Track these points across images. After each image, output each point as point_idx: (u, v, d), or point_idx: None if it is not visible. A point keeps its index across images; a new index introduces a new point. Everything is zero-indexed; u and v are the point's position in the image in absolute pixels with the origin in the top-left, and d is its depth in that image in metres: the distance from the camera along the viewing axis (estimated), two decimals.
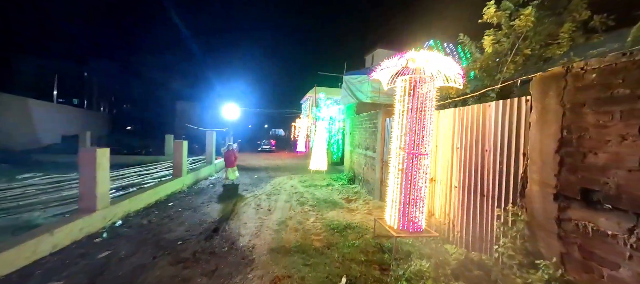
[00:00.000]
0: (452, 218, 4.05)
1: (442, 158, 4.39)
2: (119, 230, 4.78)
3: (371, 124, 7.80)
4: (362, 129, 8.79)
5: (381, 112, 6.91)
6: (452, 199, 4.07)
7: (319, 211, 6.10)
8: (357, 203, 6.90)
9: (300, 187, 8.84)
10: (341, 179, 10.27)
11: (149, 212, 5.82)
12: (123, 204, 5.33)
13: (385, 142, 6.76)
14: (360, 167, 8.98)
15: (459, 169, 3.93)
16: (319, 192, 8.09)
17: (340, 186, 9.03)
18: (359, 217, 5.72)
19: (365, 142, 8.48)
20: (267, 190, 8.43)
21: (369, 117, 8.03)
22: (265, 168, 13.90)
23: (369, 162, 7.99)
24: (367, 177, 8.16)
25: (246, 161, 17.19)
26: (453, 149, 4.09)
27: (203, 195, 7.54)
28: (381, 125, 6.88)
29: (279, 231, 4.86)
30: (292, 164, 15.98)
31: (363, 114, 8.74)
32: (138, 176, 9.83)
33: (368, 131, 8.15)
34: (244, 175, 11.47)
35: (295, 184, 9.38)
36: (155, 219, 5.40)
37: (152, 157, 14.79)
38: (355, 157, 9.70)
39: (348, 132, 11.14)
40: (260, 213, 5.97)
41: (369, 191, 7.80)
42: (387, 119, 6.77)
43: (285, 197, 7.53)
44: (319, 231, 4.90)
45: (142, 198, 6.00)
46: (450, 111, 4.23)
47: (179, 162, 8.05)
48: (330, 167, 12.62)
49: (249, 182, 9.86)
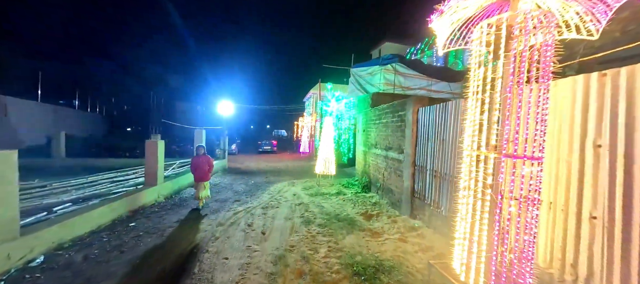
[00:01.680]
0: (585, 275, 2.31)
1: (560, 165, 2.54)
2: (29, 274, 3.15)
3: (395, 118, 6.11)
4: (381, 124, 7.11)
5: (411, 101, 5.23)
6: (585, 239, 2.31)
7: (331, 236, 4.43)
8: (381, 221, 5.21)
9: (305, 197, 7.18)
10: (353, 185, 8.59)
11: (94, 239, 4.18)
12: (49, 232, 3.70)
13: (420, 140, 5.07)
14: (378, 172, 7.29)
15: (604, 185, 2.19)
16: (328, 204, 6.42)
17: (354, 195, 7.36)
18: (391, 247, 4.03)
19: (385, 141, 6.79)
20: (263, 200, 6.78)
21: (392, 109, 6.35)
22: (265, 172, 12.27)
23: (392, 166, 6.31)
24: (389, 184, 6.47)
25: (244, 163, 15.58)
26: (584, 149, 2.35)
27: (181, 209, 5.90)
28: (412, 118, 5.20)
29: (274, 278, 3.19)
30: (294, 166, 14.33)
31: (382, 106, 7.05)
32: (111, 183, 8.25)
33: (390, 127, 6.46)
34: (239, 180, 9.84)
35: (299, 192, 7.72)
36: (97, 252, 3.76)
37: (138, 160, 13.23)
38: (370, 160, 8.02)
39: (360, 129, 9.46)
40: (250, 239, 4.31)
41: (393, 203, 6.11)
42: (419, 108, 5.08)
43: (285, 211, 5.87)
44: (335, 275, 3.23)
45: (87, 219, 4.37)
46: (579, 80, 2.39)
47: (152, 166, 6.43)
48: (338, 170, 10.95)
49: (243, 190, 8.22)
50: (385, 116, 6.79)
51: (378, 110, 7.43)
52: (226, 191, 8.05)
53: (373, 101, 8.67)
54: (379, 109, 7.38)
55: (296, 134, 32.42)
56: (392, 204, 6.19)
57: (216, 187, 8.52)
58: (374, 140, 7.73)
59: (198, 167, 5.97)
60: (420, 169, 4.99)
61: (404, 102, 5.66)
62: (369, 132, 8.18)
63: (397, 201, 5.90)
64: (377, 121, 7.41)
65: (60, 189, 7.11)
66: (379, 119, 7.32)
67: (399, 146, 5.90)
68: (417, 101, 5.17)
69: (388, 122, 6.59)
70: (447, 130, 4.13)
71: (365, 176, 8.38)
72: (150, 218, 5.28)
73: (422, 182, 4.91)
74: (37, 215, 5.05)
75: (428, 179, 4.71)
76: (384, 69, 12.38)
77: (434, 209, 4.43)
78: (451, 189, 4.00)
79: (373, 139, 7.80)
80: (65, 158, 13.04)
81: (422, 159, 4.93)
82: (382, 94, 8.65)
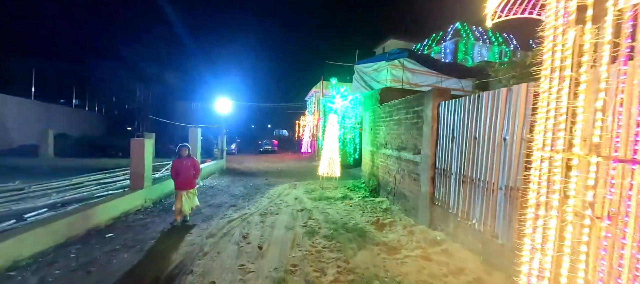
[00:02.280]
0: None
1: None
2: None
3: (410, 114, 5.44)
4: (392, 122, 6.43)
5: (431, 95, 4.54)
6: None
7: (340, 251, 3.76)
8: (395, 232, 4.54)
9: (308, 201, 6.52)
10: (360, 188, 7.91)
11: (60, 254, 3.53)
12: (2, 248, 3.05)
13: (442, 139, 4.39)
14: (388, 175, 6.62)
15: None
16: (334, 211, 5.75)
17: (361, 200, 6.69)
18: (413, 267, 3.35)
19: (397, 141, 6.11)
20: (262, 206, 6.13)
21: (406, 104, 5.67)
22: (265, 173, 11.62)
23: (405, 168, 5.63)
24: (401, 189, 5.80)
25: (244, 163, 14.94)
26: None
27: (169, 216, 5.25)
28: (431, 113, 4.52)
29: None
30: (295, 167, 13.67)
31: (394, 102, 6.37)
32: (97, 185, 7.61)
33: (403, 125, 5.78)
34: (237, 183, 9.19)
35: (301, 196, 7.06)
36: (58, 273, 3.11)
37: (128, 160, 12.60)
38: (379, 161, 7.35)
39: (367, 128, 8.79)
40: (244, 255, 3.65)
41: (407, 210, 5.43)
42: (441, 102, 4.41)
43: (286, 219, 5.21)
44: None
45: (52, 230, 3.71)
46: None
47: (138, 168, 5.78)
48: (343, 171, 10.28)
49: (241, 193, 7.56)
50: (397, 112, 6.12)
51: (388, 106, 6.75)
52: (222, 194, 7.39)
53: (382, 97, 7.99)
54: (389, 106, 6.70)
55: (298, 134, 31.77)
56: (405, 211, 5.51)
57: (211, 190, 7.87)
58: (383, 139, 7.05)
59: (181, 172, 4.77)
60: (442, 172, 4.31)
61: (421, 96, 4.98)
62: (378, 131, 7.50)
63: (412, 207, 5.22)
64: (388, 119, 6.73)
65: (39, 193, 6.47)
66: (389, 116, 6.64)
67: (415, 146, 5.22)
68: (438, 94, 4.49)
69: (401, 119, 5.91)
70: (481, 127, 3.45)
71: (372, 178, 7.71)
72: (132, 227, 4.63)
73: (445, 187, 4.24)
74: (2, 224, 4.41)
75: (453, 185, 4.03)
76: (390, 65, 11.66)
77: (462, 221, 3.75)
78: (487, 198, 3.32)
79: (382, 138, 7.13)
80: (54, 158, 12.40)
81: (445, 161, 4.26)
82: (392, 89, 7.98)
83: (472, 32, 18.60)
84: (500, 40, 19.11)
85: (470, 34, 18.45)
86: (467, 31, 18.42)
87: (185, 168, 4.85)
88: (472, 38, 18.48)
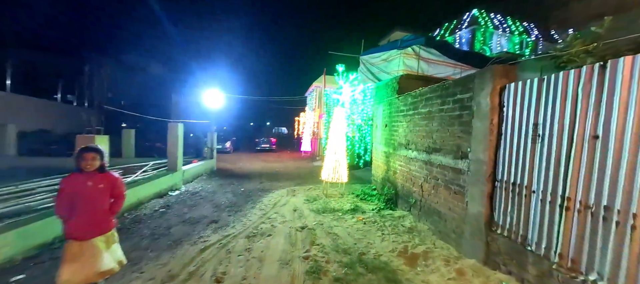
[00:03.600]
0: None
1: None
2: None
3: (450, 104, 4.05)
4: (418, 116, 5.04)
5: (490, 74, 3.16)
6: None
7: None
8: (437, 270, 3.17)
9: (309, 215, 5.17)
10: (371, 197, 6.55)
11: None
12: None
13: (509, 138, 3.00)
14: (410, 183, 5.25)
15: None
16: (344, 230, 4.40)
17: (376, 214, 5.34)
18: None
19: (427, 140, 4.73)
20: (251, 222, 4.78)
21: (442, 91, 4.27)
22: (260, 175, 10.27)
23: (440, 176, 4.25)
24: (432, 203, 4.43)
25: (237, 164, 13.59)
26: None
27: (135, 233, 3.86)
28: (490, 102, 3.14)
29: None
30: (295, 168, 12.33)
31: (421, 91, 4.96)
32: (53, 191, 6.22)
33: (437, 119, 4.39)
34: (226, 187, 7.83)
35: (301, 208, 5.71)
36: None
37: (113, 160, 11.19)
38: (397, 165, 5.97)
39: (379, 124, 7.40)
40: None
41: (444, 234, 4.06)
42: (507, 85, 3.02)
43: (281, 244, 3.84)
44: None
45: None
46: None
47: None
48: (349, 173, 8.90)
49: (228, 202, 6.21)
50: (427, 103, 4.73)
51: (411, 97, 5.37)
52: (204, 204, 6.03)
53: (400, 87, 6.58)
54: (412, 96, 5.31)
55: (297, 132, 30.38)
56: (440, 233, 4.14)
57: (192, 199, 6.51)
58: (403, 138, 5.67)
59: (79, 202, 2.31)
60: (510, 187, 2.94)
61: (471, 77, 3.58)
62: (396, 128, 6.11)
63: (451, 230, 3.85)
64: (411, 112, 5.35)
65: None
66: (413, 108, 5.25)
67: (456, 148, 3.84)
68: (501, 74, 3.10)
69: (433, 113, 4.52)
70: (613, 118, 2.07)
71: (388, 185, 6.34)
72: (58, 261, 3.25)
73: (516, 210, 2.86)
74: None
75: (534, 208, 2.66)
76: (403, 54, 10.21)
77: (564, 271, 2.36)
78: (619, 237, 1.95)
79: (402, 136, 5.74)
80: (17, 157, 10.98)
81: (515, 171, 2.88)
82: (413, 77, 6.59)
83: (491, 19, 16.99)
84: (520, 30, 17.47)
85: (489, 22, 16.82)
86: (485, 18, 16.79)
87: (89, 195, 2.34)
88: (490, 26, 16.86)
